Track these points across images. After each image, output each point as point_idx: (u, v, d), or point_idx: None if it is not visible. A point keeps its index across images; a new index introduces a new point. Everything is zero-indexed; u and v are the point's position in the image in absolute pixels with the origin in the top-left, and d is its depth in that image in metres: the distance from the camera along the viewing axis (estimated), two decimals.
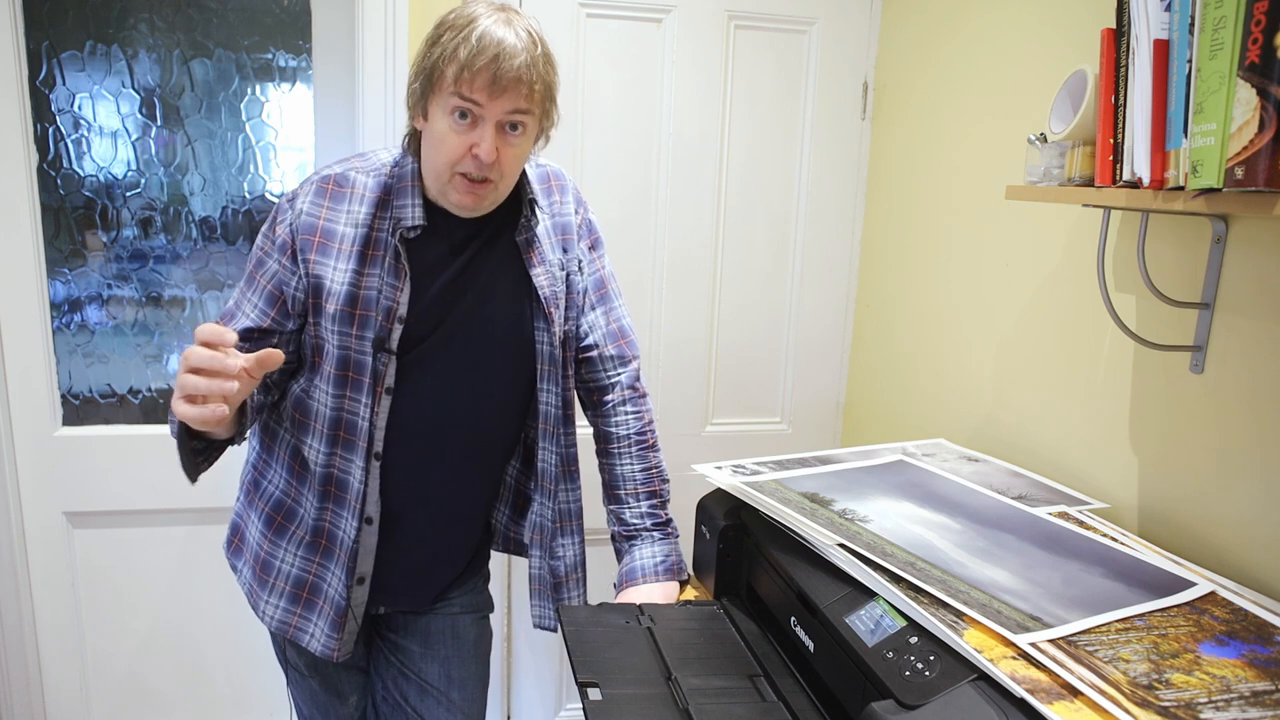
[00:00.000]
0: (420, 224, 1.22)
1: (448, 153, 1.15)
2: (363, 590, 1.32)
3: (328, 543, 1.30)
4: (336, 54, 1.87)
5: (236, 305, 1.27)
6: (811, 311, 2.14)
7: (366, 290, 1.21)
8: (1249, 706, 0.77)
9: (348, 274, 1.21)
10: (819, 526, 1.08)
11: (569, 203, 1.36)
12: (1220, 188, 0.88)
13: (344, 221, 1.22)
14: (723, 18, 1.94)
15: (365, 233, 1.22)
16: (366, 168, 1.25)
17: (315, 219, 1.22)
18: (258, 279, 1.25)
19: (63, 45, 1.77)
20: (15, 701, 1.92)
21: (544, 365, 1.33)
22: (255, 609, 1.35)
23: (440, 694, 1.42)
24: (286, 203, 1.25)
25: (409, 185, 1.23)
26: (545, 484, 1.38)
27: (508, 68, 1.11)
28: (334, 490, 1.27)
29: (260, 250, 1.26)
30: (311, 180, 1.25)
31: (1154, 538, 1.23)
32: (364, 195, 1.23)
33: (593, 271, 1.39)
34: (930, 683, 0.83)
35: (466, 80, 1.11)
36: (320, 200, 1.23)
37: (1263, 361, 1.10)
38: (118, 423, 1.92)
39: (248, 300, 1.26)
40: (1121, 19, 1.04)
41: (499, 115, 1.13)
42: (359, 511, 1.27)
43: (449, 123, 1.14)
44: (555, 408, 1.35)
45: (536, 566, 1.42)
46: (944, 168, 1.78)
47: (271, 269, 1.24)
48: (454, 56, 1.11)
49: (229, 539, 1.40)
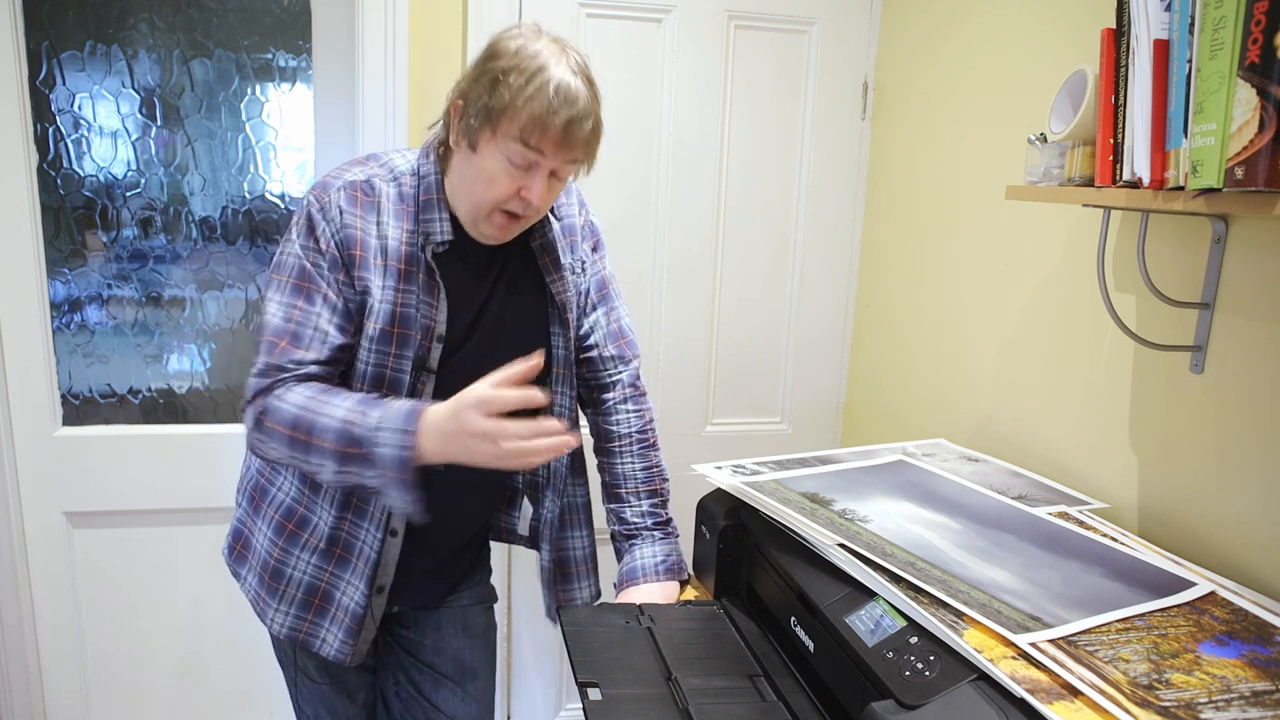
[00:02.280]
0: (449, 239, 1.20)
1: (496, 192, 1.14)
2: (382, 599, 1.31)
3: (344, 552, 1.27)
4: (336, 54, 1.87)
5: (301, 323, 1.15)
6: (811, 311, 2.14)
7: (405, 308, 1.19)
8: (1249, 706, 0.77)
9: (388, 290, 1.18)
10: (819, 526, 1.08)
11: (573, 204, 1.37)
12: (1220, 188, 0.88)
13: (376, 234, 1.19)
14: (723, 18, 1.94)
15: (397, 247, 1.19)
16: (387, 175, 1.22)
17: (354, 230, 1.17)
18: (318, 291, 1.16)
19: (63, 45, 1.77)
20: (15, 701, 1.92)
21: (559, 368, 1.34)
22: (262, 616, 1.32)
23: (454, 684, 1.42)
24: (319, 212, 1.17)
25: (435, 199, 1.20)
26: (556, 482, 1.39)
27: (580, 130, 1.11)
28: (356, 501, 1.25)
29: (304, 261, 1.17)
30: (337, 186, 1.19)
31: (1154, 538, 1.23)
32: (389, 207, 1.20)
33: (595, 272, 1.39)
34: (930, 683, 0.83)
35: (538, 134, 1.09)
36: (353, 210, 1.18)
37: (1263, 361, 1.10)
38: (118, 423, 1.92)
39: (318, 315, 1.16)
40: (1121, 19, 1.04)
41: (555, 166, 1.14)
42: (384, 524, 1.26)
43: (504, 166, 1.12)
44: (569, 409, 1.37)
45: (547, 560, 1.42)
46: (944, 168, 1.78)
47: (328, 281, 1.17)
48: (527, 108, 1.08)
49: (231, 545, 1.38)
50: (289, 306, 1.16)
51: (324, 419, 1.08)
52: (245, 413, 1.15)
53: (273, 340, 1.14)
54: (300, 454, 1.10)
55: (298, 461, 1.11)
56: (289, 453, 1.11)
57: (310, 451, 1.09)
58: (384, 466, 1.06)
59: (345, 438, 1.07)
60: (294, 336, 1.14)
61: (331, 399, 1.10)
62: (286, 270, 1.18)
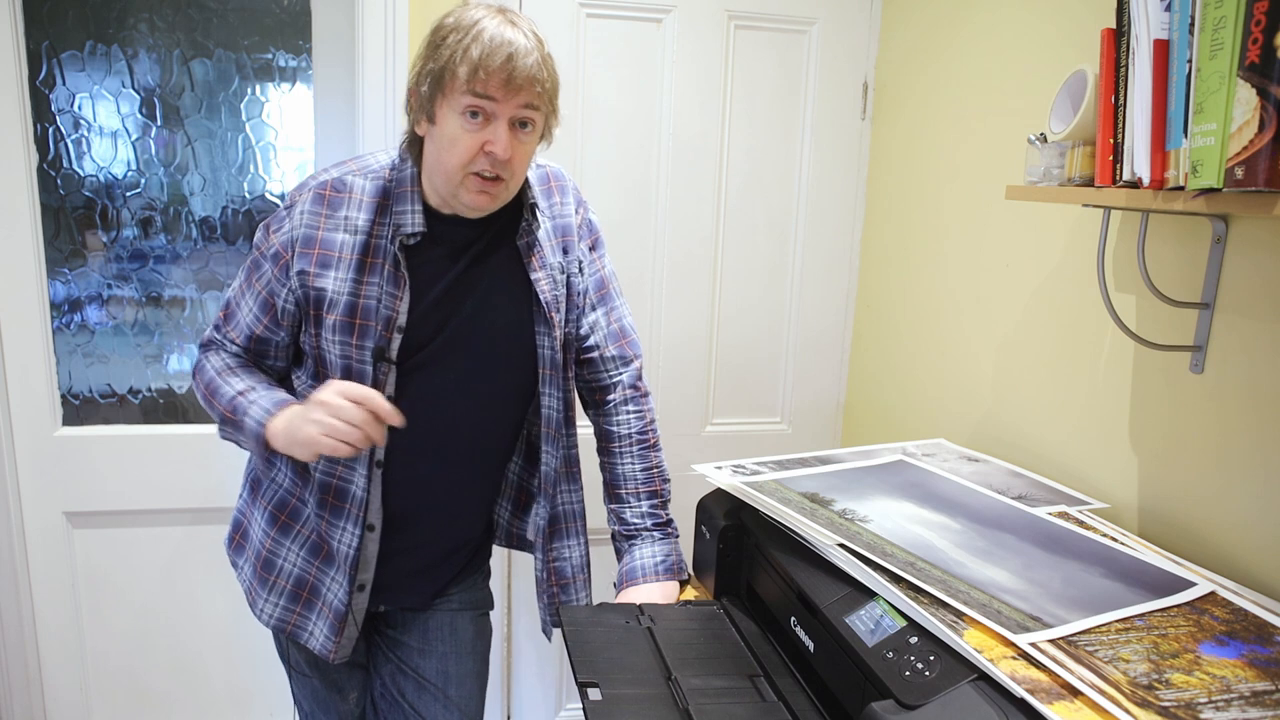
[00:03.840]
0: (420, 230, 1.22)
1: (461, 153, 1.15)
2: (363, 596, 1.32)
3: (328, 548, 1.30)
4: (336, 54, 1.87)
5: (236, 305, 1.30)
6: (811, 311, 2.14)
7: (366, 300, 1.21)
8: (1249, 706, 0.77)
9: (347, 283, 1.21)
10: (819, 526, 1.08)
11: (569, 203, 1.36)
12: (1220, 188, 0.88)
13: (342, 229, 1.22)
14: (723, 18, 1.94)
15: (364, 240, 1.22)
16: (363, 170, 1.25)
17: (314, 230, 1.22)
18: (254, 284, 1.27)
19: (63, 45, 1.77)
20: (15, 701, 1.92)
21: (545, 369, 1.33)
22: (253, 607, 1.35)
23: (437, 690, 1.42)
24: (285, 210, 1.25)
25: (408, 190, 1.22)
26: (545, 487, 1.38)
27: (521, 65, 1.12)
28: (331, 500, 1.28)
29: (257, 252, 1.27)
30: (309, 187, 1.24)
31: (1154, 538, 1.23)
32: (361, 200, 1.23)
33: (593, 272, 1.39)
34: (930, 683, 0.83)
35: (481, 79, 1.11)
36: (318, 209, 1.22)
37: (1263, 361, 1.10)
38: (117, 423, 1.92)
39: (245, 304, 1.28)
40: (1121, 19, 1.04)
41: (511, 112, 1.14)
42: (360, 519, 1.27)
43: (460, 123, 1.14)
44: (557, 411, 1.35)
45: (539, 569, 1.42)
46: (944, 168, 1.78)
47: (265, 276, 1.25)
48: (466, 56, 1.11)
49: (231, 535, 1.41)
50: (237, 289, 1.31)
51: (225, 388, 1.26)
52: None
53: (220, 313, 1.33)
54: (206, 407, 1.29)
55: (207, 409, 1.29)
56: (202, 402, 1.30)
57: (211, 408, 1.28)
58: (245, 435, 1.23)
59: (230, 405, 1.24)
60: (228, 316, 1.32)
61: (237, 374, 1.28)
62: (249, 259, 1.30)
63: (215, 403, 1.26)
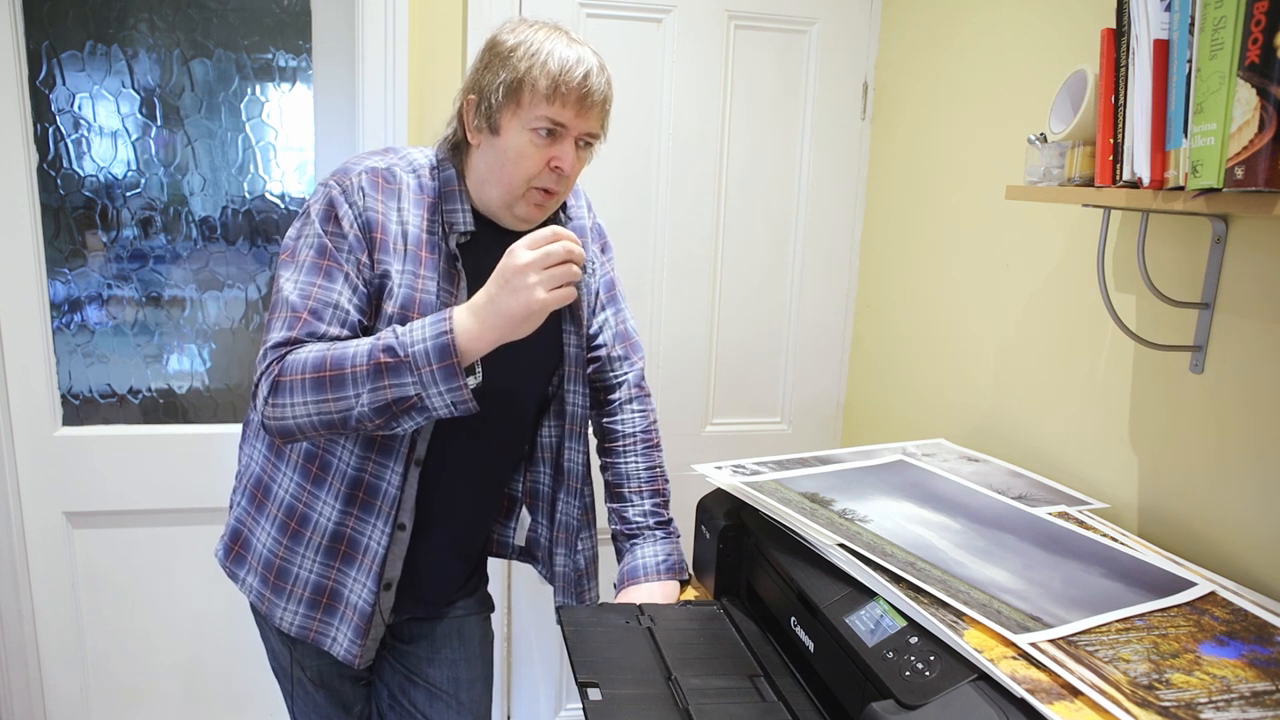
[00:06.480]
0: (471, 229, 1.23)
1: (528, 167, 1.17)
2: (389, 596, 1.30)
3: (348, 549, 1.25)
4: (336, 54, 1.87)
5: (320, 302, 1.14)
6: (811, 311, 2.14)
7: (424, 294, 1.19)
8: (1249, 707, 0.77)
9: (405, 275, 1.19)
10: (819, 526, 1.08)
11: (583, 206, 1.39)
12: (1220, 188, 0.88)
13: (395, 219, 1.20)
14: (723, 18, 1.94)
15: (418, 234, 1.20)
16: (405, 166, 1.23)
17: (376, 214, 1.18)
18: (336, 271, 1.15)
19: (63, 45, 1.77)
20: (15, 702, 1.92)
21: (571, 367, 1.34)
22: (270, 617, 1.30)
23: (449, 696, 1.41)
24: (340, 195, 1.16)
25: (456, 190, 1.23)
26: (572, 483, 1.40)
27: (596, 84, 1.14)
28: (362, 496, 1.24)
29: (325, 240, 1.15)
30: (358, 170, 1.19)
31: (1154, 538, 1.23)
32: (410, 195, 1.21)
33: (604, 274, 1.41)
34: (930, 683, 0.83)
35: (562, 94, 1.13)
36: (375, 194, 1.18)
37: (1263, 361, 1.10)
38: (117, 423, 1.92)
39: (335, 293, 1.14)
40: (1121, 19, 1.04)
41: (581, 130, 1.17)
42: (392, 518, 1.24)
43: (530, 138, 1.15)
44: (581, 407, 1.37)
45: (561, 565, 1.43)
46: (944, 168, 1.78)
47: (350, 261, 1.16)
48: (545, 71, 1.12)
49: (228, 547, 1.35)
50: (308, 284, 1.14)
51: (351, 349, 1.08)
52: (258, 387, 1.12)
53: (292, 315, 1.12)
54: (329, 393, 1.07)
55: (324, 405, 1.08)
56: (314, 397, 1.08)
57: (341, 385, 1.07)
58: (422, 364, 1.05)
59: (378, 350, 1.06)
60: (314, 313, 1.13)
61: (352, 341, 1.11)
62: (304, 250, 1.16)
63: (349, 370, 1.07)
